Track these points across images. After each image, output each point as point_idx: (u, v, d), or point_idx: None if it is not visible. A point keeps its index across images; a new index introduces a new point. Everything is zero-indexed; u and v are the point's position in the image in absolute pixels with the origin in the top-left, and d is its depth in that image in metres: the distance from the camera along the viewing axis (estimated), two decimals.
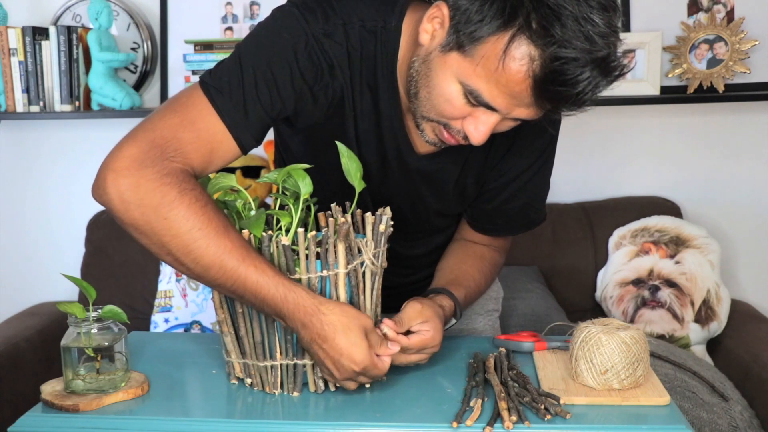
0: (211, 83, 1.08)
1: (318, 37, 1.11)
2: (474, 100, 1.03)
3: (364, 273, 1.09)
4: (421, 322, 1.13)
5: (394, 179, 1.25)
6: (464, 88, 1.02)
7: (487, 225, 1.36)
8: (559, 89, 0.97)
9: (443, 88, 1.04)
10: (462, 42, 1.00)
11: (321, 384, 1.10)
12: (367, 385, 1.12)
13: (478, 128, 1.05)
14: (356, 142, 1.19)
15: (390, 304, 1.21)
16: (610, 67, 0.98)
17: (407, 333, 1.13)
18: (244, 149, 1.10)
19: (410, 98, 1.12)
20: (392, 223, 1.14)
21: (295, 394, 1.10)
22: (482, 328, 1.47)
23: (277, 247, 1.04)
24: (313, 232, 1.05)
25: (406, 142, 1.21)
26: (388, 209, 1.14)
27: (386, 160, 1.22)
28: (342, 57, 1.13)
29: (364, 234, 1.11)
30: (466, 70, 1.01)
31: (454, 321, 1.25)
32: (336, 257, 1.05)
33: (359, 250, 1.08)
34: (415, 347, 1.12)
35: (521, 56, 0.96)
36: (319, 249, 1.06)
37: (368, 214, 1.10)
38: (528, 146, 1.26)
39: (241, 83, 1.07)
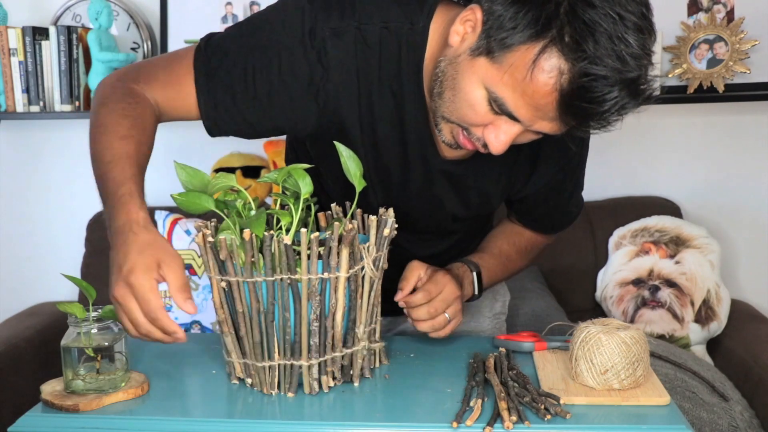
0: (202, 62, 1.13)
1: (322, 36, 1.09)
2: (498, 108, 1.01)
3: (363, 277, 1.09)
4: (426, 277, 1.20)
5: (416, 183, 1.24)
6: (489, 95, 1.01)
7: (534, 225, 1.40)
8: (585, 106, 0.95)
9: (468, 92, 1.03)
10: (492, 48, 0.98)
11: (315, 385, 1.10)
12: (356, 383, 1.12)
13: (499, 137, 1.04)
14: (376, 146, 1.18)
15: (399, 307, 1.22)
16: (639, 90, 0.96)
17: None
18: (210, 133, 1.17)
19: (433, 97, 1.10)
20: (396, 226, 1.13)
21: (290, 394, 1.09)
22: (490, 330, 1.48)
23: (279, 246, 1.04)
24: (316, 233, 1.05)
25: (431, 145, 1.19)
26: (390, 211, 1.14)
27: (409, 164, 1.22)
28: (347, 58, 1.11)
29: (365, 233, 1.11)
30: (493, 76, 0.99)
31: (474, 275, 1.30)
32: (339, 261, 1.05)
33: (361, 255, 1.08)
34: (421, 300, 1.18)
35: (550, 68, 0.94)
36: (320, 249, 1.06)
37: (372, 217, 1.10)
38: (557, 154, 1.26)
39: (229, 75, 1.12)
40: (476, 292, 1.31)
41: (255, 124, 1.15)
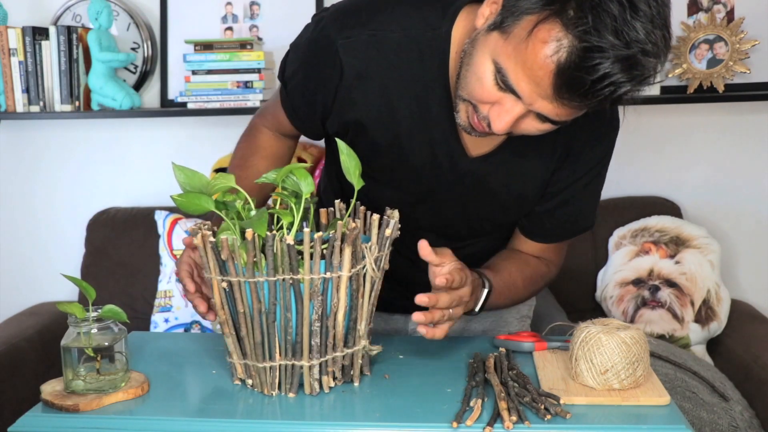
0: (281, 85, 1.31)
1: (337, 46, 1.15)
2: (501, 81, 1.02)
3: (365, 276, 1.09)
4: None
5: (446, 184, 1.25)
6: (495, 67, 1.03)
7: (537, 229, 1.35)
8: (576, 74, 0.95)
9: (478, 65, 1.05)
10: (503, 19, 1.00)
11: (316, 386, 1.10)
12: (356, 383, 1.13)
13: (501, 116, 1.05)
14: (401, 148, 1.21)
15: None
16: (635, 71, 0.96)
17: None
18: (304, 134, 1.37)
19: (456, 80, 1.13)
20: (399, 226, 1.13)
21: (291, 395, 1.09)
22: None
23: (281, 246, 1.04)
24: (320, 233, 1.05)
25: (458, 145, 1.21)
26: (396, 212, 1.14)
27: (438, 166, 1.23)
28: (359, 64, 1.16)
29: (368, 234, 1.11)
30: (500, 47, 1.01)
31: (485, 291, 1.24)
32: (341, 260, 1.05)
33: (363, 254, 1.08)
34: (447, 304, 1.12)
35: (550, 39, 0.95)
36: (323, 247, 1.06)
37: (375, 216, 1.10)
38: (585, 156, 1.26)
39: (285, 89, 1.30)
40: (476, 309, 1.27)
41: (311, 130, 1.32)
